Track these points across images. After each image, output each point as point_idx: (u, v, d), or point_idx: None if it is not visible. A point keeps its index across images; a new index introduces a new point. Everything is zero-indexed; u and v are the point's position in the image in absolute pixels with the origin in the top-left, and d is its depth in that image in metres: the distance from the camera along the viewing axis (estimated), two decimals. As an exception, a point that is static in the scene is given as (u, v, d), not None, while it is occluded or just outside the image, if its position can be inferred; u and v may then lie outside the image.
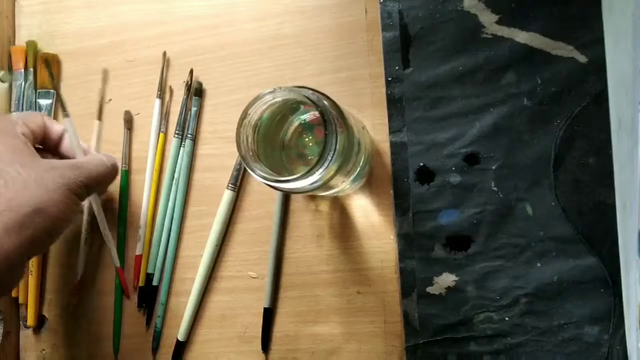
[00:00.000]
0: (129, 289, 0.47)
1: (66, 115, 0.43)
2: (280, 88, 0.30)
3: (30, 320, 0.48)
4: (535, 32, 0.40)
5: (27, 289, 0.48)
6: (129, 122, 0.48)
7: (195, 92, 0.46)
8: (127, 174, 0.48)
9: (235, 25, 0.47)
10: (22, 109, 0.49)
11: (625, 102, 0.37)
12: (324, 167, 0.30)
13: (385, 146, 0.43)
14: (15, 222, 0.32)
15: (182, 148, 0.47)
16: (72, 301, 0.48)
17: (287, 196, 0.44)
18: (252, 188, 0.45)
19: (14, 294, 0.48)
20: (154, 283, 0.46)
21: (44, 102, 0.49)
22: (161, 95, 0.47)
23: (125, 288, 0.47)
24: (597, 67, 0.39)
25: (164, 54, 0.48)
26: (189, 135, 0.46)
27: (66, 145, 0.42)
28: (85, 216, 0.47)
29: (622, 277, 0.37)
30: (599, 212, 0.38)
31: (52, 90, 0.49)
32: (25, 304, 0.48)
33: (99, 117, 0.49)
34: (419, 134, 0.42)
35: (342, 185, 0.37)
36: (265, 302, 0.44)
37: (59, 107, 0.48)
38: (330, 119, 0.30)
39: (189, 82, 0.47)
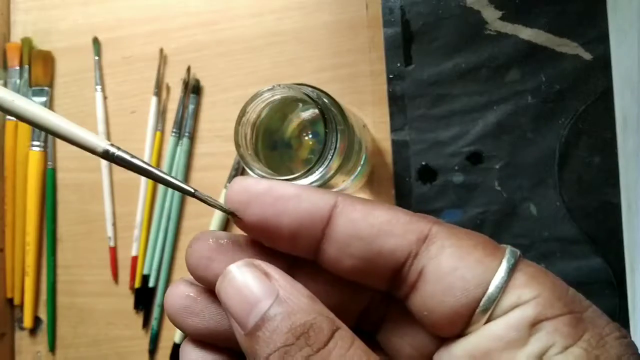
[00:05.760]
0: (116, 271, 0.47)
1: None
2: (279, 85, 0.30)
3: (27, 322, 0.47)
4: (540, 28, 0.39)
5: (23, 291, 0.47)
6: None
7: (193, 89, 0.46)
8: (53, 173, 0.48)
9: (233, 21, 0.46)
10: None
11: (631, 100, 0.36)
12: (324, 166, 0.30)
13: (386, 145, 0.42)
14: None
15: (179, 147, 0.46)
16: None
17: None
18: (250, 187, 0.45)
19: (9, 294, 0.48)
20: (151, 284, 0.46)
21: (38, 99, 0.48)
22: (158, 92, 0.47)
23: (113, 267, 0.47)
24: (602, 64, 0.38)
25: (161, 50, 0.47)
26: (186, 134, 0.46)
27: None
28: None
29: (627, 278, 0.37)
30: (604, 212, 0.38)
31: (46, 88, 0.48)
32: (20, 306, 0.48)
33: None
34: (421, 132, 0.41)
35: (343, 184, 0.36)
36: (264, 304, 0.43)
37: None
38: (331, 117, 0.30)
39: (186, 80, 0.46)
